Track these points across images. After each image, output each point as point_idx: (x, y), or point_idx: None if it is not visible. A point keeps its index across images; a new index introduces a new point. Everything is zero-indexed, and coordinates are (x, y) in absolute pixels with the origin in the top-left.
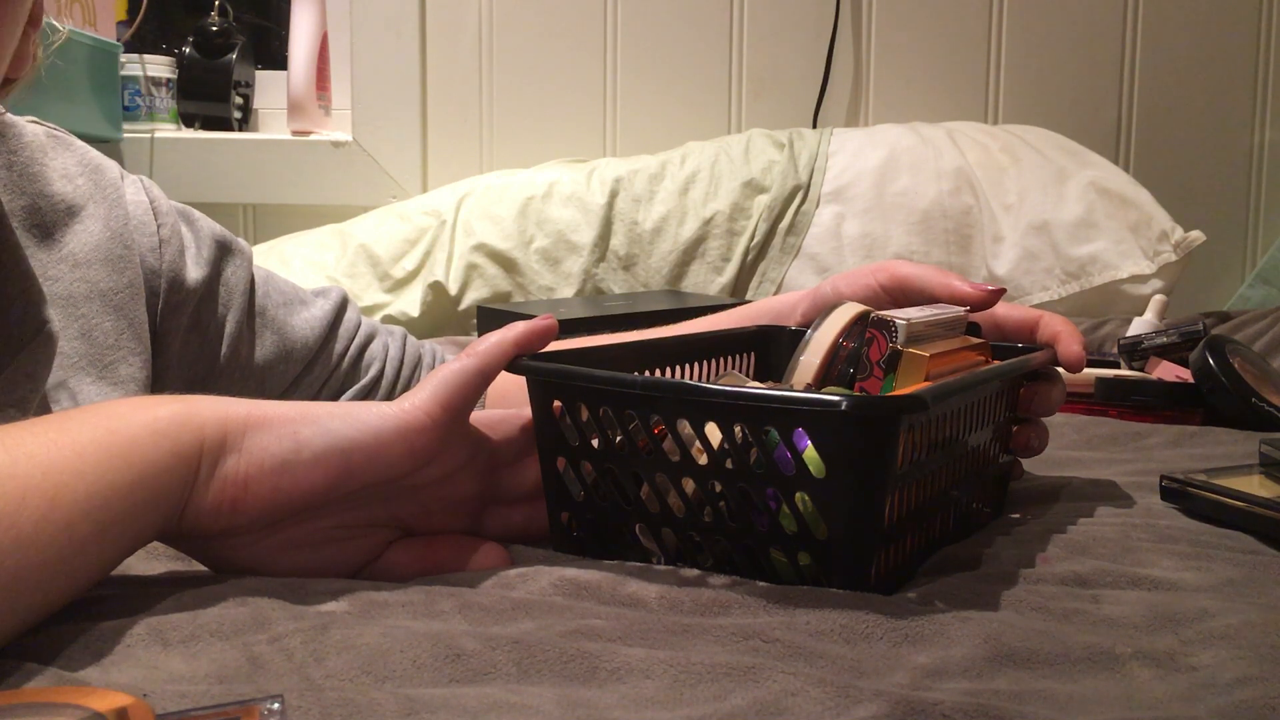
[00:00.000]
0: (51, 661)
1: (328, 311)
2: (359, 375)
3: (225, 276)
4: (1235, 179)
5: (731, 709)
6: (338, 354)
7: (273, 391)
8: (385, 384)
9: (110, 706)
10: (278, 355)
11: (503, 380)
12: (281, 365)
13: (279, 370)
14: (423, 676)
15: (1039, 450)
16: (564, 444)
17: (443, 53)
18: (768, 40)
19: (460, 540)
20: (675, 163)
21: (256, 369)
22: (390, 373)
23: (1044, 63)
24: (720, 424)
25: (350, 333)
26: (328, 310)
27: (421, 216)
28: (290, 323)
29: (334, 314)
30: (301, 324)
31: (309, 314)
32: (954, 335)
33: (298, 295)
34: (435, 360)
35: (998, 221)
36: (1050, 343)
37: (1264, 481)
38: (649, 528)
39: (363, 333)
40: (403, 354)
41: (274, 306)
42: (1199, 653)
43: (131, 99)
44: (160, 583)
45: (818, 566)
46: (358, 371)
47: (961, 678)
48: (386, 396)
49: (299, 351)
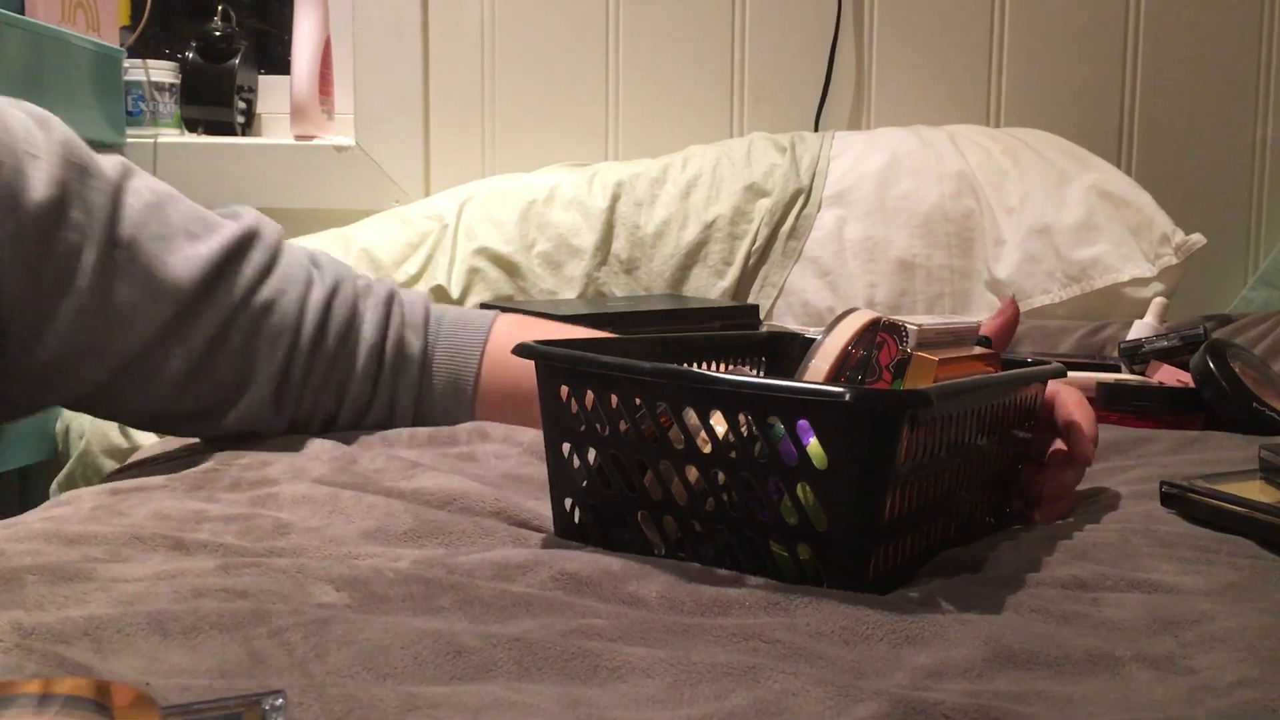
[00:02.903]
0: (51, 650)
1: (215, 249)
2: (283, 323)
3: (84, 199)
4: (1237, 181)
5: (732, 708)
6: (240, 297)
7: (144, 335)
8: (330, 338)
9: (111, 697)
10: (145, 295)
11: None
12: (149, 307)
13: (146, 312)
14: (424, 673)
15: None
16: (570, 429)
17: (445, 57)
18: (769, 44)
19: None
20: (677, 166)
21: (118, 308)
22: (331, 326)
23: (1045, 66)
24: (726, 413)
25: (259, 273)
26: (216, 247)
27: (424, 220)
28: (164, 259)
29: (226, 250)
30: (179, 261)
31: (192, 250)
32: (964, 345)
33: (188, 228)
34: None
35: (999, 224)
36: (1064, 429)
37: (1264, 487)
38: (651, 516)
39: (295, 278)
40: (379, 316)
41: (148, 238)
42: (1198, 655)
43: (135, 104)
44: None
45: (817, 560)
46: (273, 317)
47: (962, 678)
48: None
49: (169, 293)
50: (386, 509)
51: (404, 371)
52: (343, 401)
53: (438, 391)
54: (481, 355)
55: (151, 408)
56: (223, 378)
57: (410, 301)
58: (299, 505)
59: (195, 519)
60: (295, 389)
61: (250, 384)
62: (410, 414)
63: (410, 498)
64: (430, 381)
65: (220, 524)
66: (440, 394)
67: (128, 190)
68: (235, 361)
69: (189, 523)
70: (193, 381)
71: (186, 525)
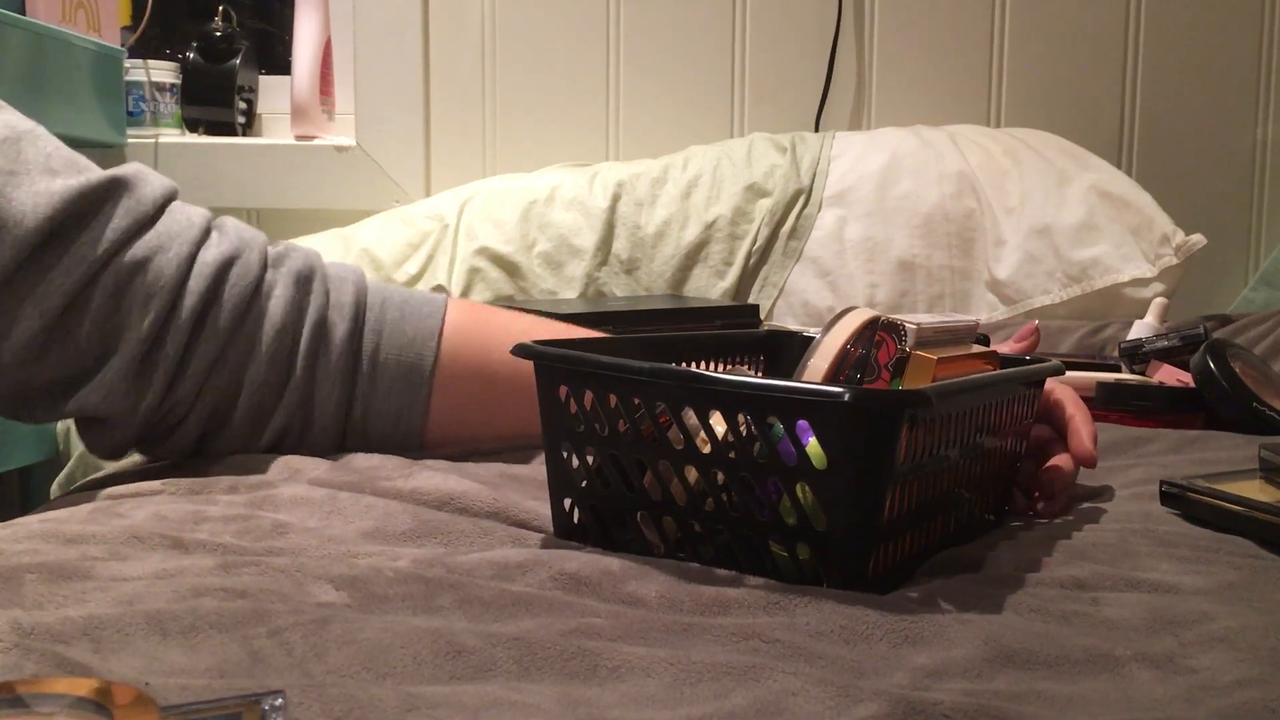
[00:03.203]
0: (50, 650)
1: (73, 187)
2: (157, 283)
3: None
4: (1238, 181)
5: (732, 708)
6: (104, 249)
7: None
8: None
9: (111, 697)
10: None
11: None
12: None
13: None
14: (423, 673)
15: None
16: (569, 429)
17: (446, 57)
18: (770, 44)
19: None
20: (678, 166)
21: None
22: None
23: (1046, 66)
24: (725, 413)
25: (132, 224)
26: (74, 185)
27: (424, 220)
28: (9, 194)
29: (87, 191)
30: (25, 197)
31: (44, 186)
32: (963, 344)
33: (49, 165)
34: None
35: (1000, 225)
36: (1062, 433)
37: (1264, 487)
38: (651, 517)
39: (181, 235)
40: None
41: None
42: (1199, 655)
43: (135, 104)
44: (157, 573)
45: (816, 559)
46: (145, 275)
47: (961, 678)
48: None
49: (10, 231)
50: (385, 509)
51: (323, 357)
52: (240, 388)
53: (383, 382)
54: (439, 338)
55: (3, 369)
56: (82, 342)
57: (338, 278)
58: (297, 506)
59: (194, 519)
60: (168, 364)
61: (113, 353)
62: (336, 408)
63: (408, 497)
64: (367, 370)
65: (219, 524)
66: (387, 384)
67: None
68: (98, 323)
69: (188, 523)
70: (50, 346)
71: (185, 525)
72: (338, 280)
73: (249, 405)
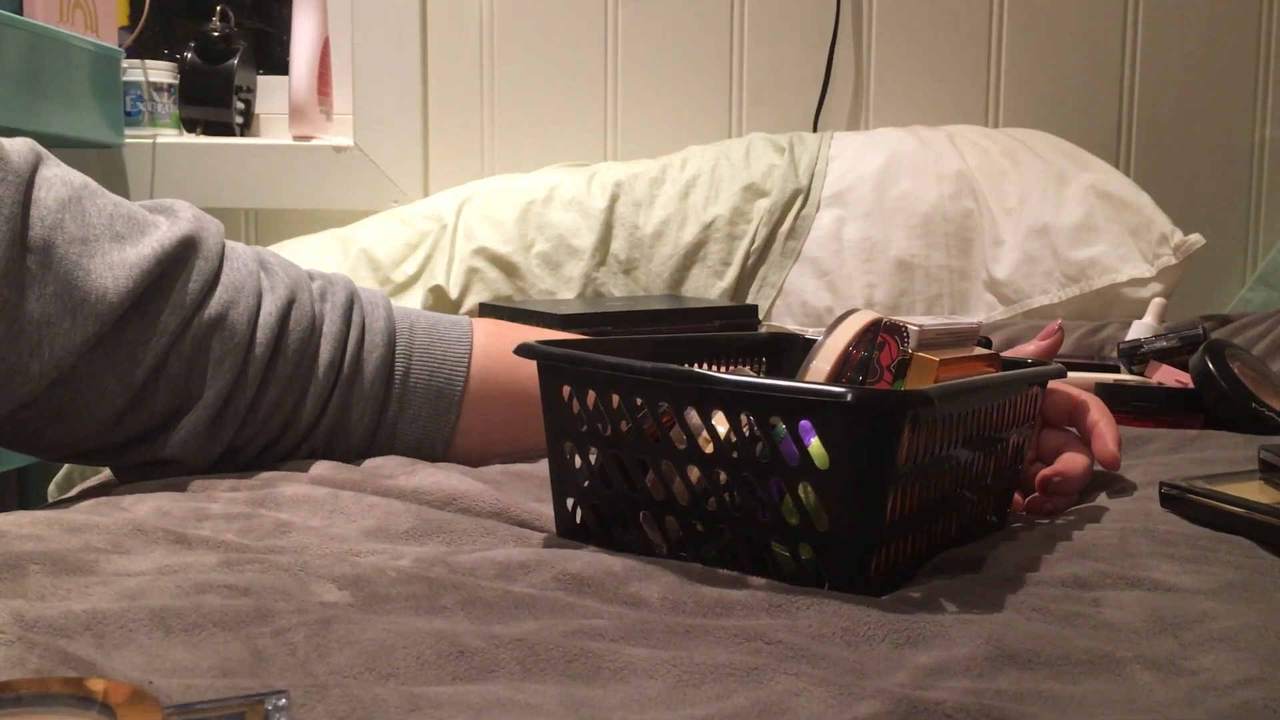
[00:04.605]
0: (53, 645)
1: (148, 256)
2: (231, 341)
3: None
4: (1236, 182)
5: (734, 709)
6: (184, 317)
7: (60, 353)
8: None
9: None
10: (61, 309)
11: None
12: (66, 323)
13: (63, 330)
14: (426, 674)
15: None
16: (572, 429)
17: (444, 57)
18: (768, 44)
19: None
20: (676, 167)
21: (30, 324)
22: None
23: (1044, 66)
24: (728, 414)
25: (205, 285)
26: (148, 254)
27: (422, 221)
28: (86, 265)
29: (161, 258)
30: (103, 269)
31: (119, 256)
32: (965, 346)
33: (114, 228)
34: (375, 326)
35: (998, 225)
36: (1087, 436)
37: (1263, 487)
38: (653, 516)
39: (245, 286)
40: (347, 331)
41: (66, 242)
42: (1199, 655)
43: (133, 104)
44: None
45: (818, 560)
46: (220, 333)
47: (963, 678)
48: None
49: (93, 306)
50: (387, 508)
51: (358, 384)
52: (289, 427)
53: (412, 405)
54: (469, 362)
55: (77, 442)
56: (158, 406)
57: (370, 303)
58: (299, 504)
59: (196, 516)
60: (235, 417)
61: (186, 412)
62: (364, 432)
63: (410, 497)
64: (398, 394)
65: (221, 522)
66: (416, 408)
67: (38, 183)
68: (174, 384)
69: (190, 519)
70: (127, 412)
71: (188, 521)
72: (370, 305)
73: (292, 437)
